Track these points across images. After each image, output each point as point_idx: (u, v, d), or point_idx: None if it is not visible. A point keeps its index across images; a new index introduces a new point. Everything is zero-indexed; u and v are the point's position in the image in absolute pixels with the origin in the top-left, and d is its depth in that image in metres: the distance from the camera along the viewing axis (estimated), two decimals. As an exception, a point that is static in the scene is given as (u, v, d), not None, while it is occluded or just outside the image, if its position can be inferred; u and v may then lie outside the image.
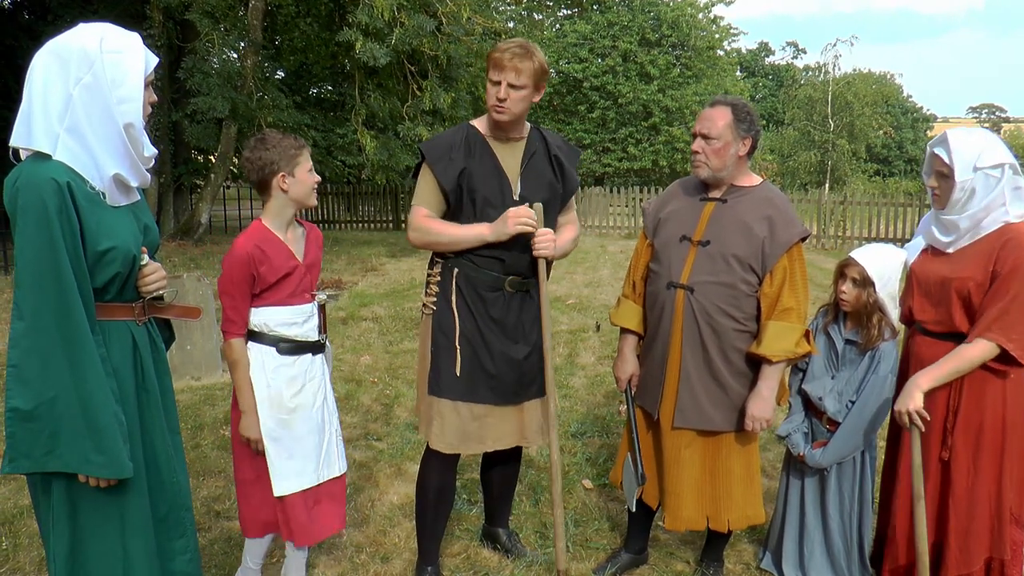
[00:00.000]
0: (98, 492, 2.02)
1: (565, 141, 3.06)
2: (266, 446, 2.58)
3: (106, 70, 1.94)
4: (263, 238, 2.55)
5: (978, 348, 2.46)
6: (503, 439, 2.91)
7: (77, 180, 1.92)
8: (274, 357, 2.58)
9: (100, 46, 1.95)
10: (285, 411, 2.59)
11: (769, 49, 54.63)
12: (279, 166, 2.51)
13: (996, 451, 2.56)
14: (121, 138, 1.98)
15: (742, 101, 2.80)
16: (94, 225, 1.95)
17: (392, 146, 13.23)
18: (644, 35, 28.87)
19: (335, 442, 2.77)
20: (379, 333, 7.40)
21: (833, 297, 2.93)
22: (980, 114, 79.95)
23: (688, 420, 2.83)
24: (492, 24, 13.60)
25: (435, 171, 2.76)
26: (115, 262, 1.99)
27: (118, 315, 2.08)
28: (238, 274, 2.50)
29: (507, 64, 2.66)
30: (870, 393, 2.71)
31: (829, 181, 32.35)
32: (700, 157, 2.79)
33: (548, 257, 2.80)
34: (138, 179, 2.09)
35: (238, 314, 2.55)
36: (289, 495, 2.61)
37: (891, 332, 2.75)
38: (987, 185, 2.47)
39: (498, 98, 2.70)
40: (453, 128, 2.89)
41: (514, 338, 2.84)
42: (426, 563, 3.06)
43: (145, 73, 2.02)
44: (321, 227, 18.50)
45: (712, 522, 2.94)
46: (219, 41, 12.36)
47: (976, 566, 2.60)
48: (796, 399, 2.98)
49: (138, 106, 2.00)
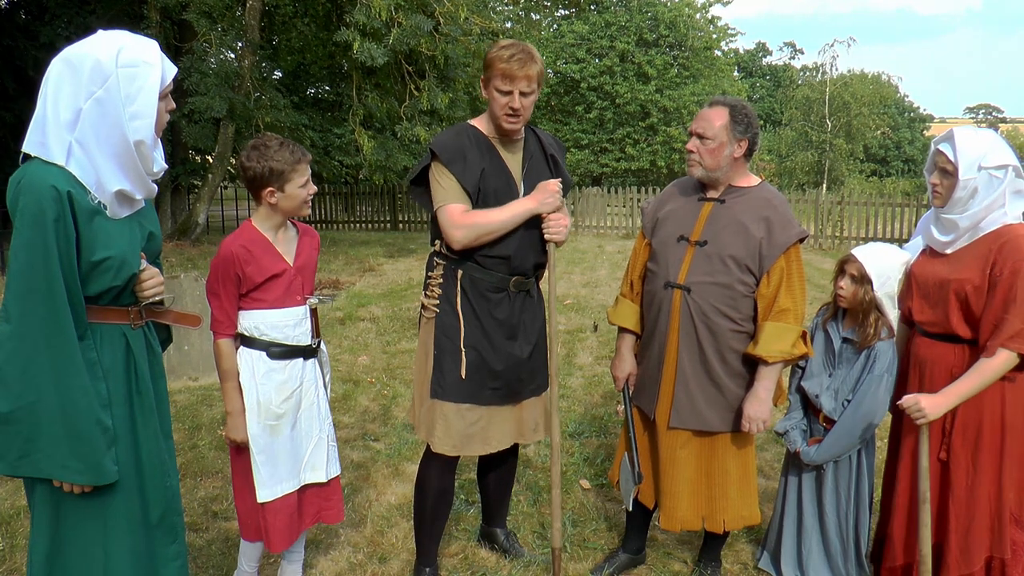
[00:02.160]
0: (81, 495, 2.01)
1: (553, 137, 3.06)
2: (252, 452, 2.56)
3: (120, 85, 1.90)
4: (250, 238, 2.54)
5: (1001, 359, 2.45)
6: (504, 439, 2.91)
7: (79, 189, 1.91)
8: (264, 362, 2.56)
9: (116, 60, 1.91)
10: (272, 417, 2.57)
11: (766, 49, 54.72)
12: (268, 180, 2.48)
13: (995, 452, 2.56)
14: (130, 154, 1.96)
15: (741, 102, 2.79)
16: (91, 235, 1.93)
17: (390, 146, 13.23)
18: (641, 35, 28.91)
19: (325, 447, 2.73)
20: (377, 333, 7.40)
21: (834, 294, 2.93)
22: (977, 114, 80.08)
23: (684, 420, 2.84)
24: (490, 24, 13.60)
25: (454, 171, 2.70)
26: (109, 271, 1.98)
27: (112, 318, 2.06)
28: (223, 273, 2.50)
29: (519, 74, 2.62)
30: (865, 392, 2.71)
31: (826, 181, 32.39)
32: (694, 156, 2.80)
33: (560, 242, 2.82)
34: (143, 192, 2.08)
35: (224, 314, 2.54)
36: (270, 501, 2.59)
37: (888, 332, 2.75)
38: (990, 185, 2.47)
39: (512, 108, 2.67)
40: (454, 129, 2.83)
41: (517, 337, 2.85)
42: (424, 564, 3.06)
43: (161, 87, 1.99)
44: (319, 227, 18.63)
45: (708, 523, 2.94)
46: (216, 41, 12.37)
47: (976, 566, 2.61)
48: (795, 396, 2.98)
49: (150, 122, 1.97)
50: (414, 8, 11.53)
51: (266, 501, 2.58)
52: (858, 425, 2.73)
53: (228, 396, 2.58)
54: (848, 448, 2.78)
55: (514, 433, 2.94)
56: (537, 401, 2.99)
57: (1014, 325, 2.42)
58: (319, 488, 2.74)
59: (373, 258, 12.74)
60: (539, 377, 2.97)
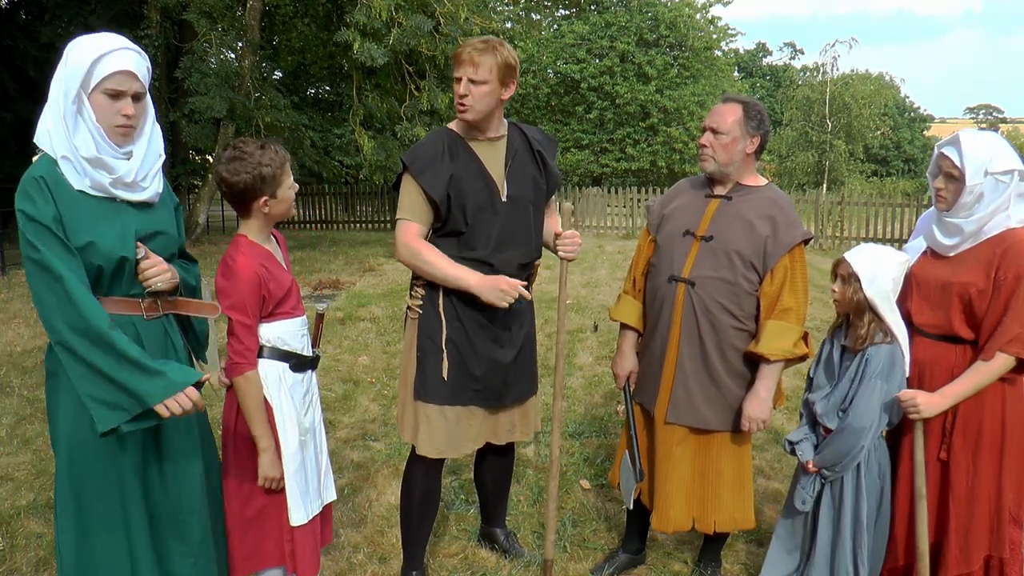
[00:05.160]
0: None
1: (542, 132, 3.01)
2: (286, 473, 2.34)
3: (64, 67, 2.06)
4: (261, 255, 2.35)
5: (999, 362, 2.46)
6: (479, 439, 2.90)
7: (53, 173, 2.02)
8: (289, 374, 2.39)
9: (68, 50, 2.07)
10: (303, 431, 2.41)
11: (767, 50, 54.76)
12: (260, 190, 2.28)
13: (995, 451, 2.56)
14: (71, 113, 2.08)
15: (754, 101, 2.83)
16: (74, 221, 2.02)
17: (390, 146, 13.23)
18: (642, 35, 28.90)
19: (327, 465, 2.62)
20: (377, 333, 7.40)
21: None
22: (977, 115, 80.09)
23: (681, 416, 2.83)
24: (490, 24, 13.59)
25: (422, 183, 2.66)
26: (95, 256, 2.04)
27: (119, 309, 2.11)
28: (252, 299, 2.27)
29: (464, 58, 2.61)
30: (859, 399, 2.66)
31: (826, 181, 32.40)
32: (707, 150, 2.81)
33: (571, 259, 2.86)
34: (116, 162, 2.12)
35: (254, 342, 2.31)
36: (300, 525, 2.39)
37: (884, 335, 2.68)
38: (995, 190, 2.47)
39: (459, 94, 2.65)
40: (432, 135, 2.79)
41: (500, 342, 2.82)
42: (411, 567, 3.04)
43: (85, 79, 2.04)
44: (319, 227, 18.66)
45: (698, 523, 2.92)
46: (217, 41, 12.37)
47: (975, 565, 2.61)
48: (806, 410, 2.94)
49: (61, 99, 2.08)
50: (414, 8, 11.54)
51: (300, 524, 2.38)
52: (851, 432, 2.67)
53: (265, 431, 2.32)
54: (845, 454, 2.71)
55: (488, 433, 2.93)
56: (518, 405, 2.98)
57: (1012, 329, 2.42)
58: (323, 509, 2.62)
59: (373, 258, 12.74)
60: (524, 382, 2.96)
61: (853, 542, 2.73)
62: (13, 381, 5.67)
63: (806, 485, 2.78)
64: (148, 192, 2.18)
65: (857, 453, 2.65)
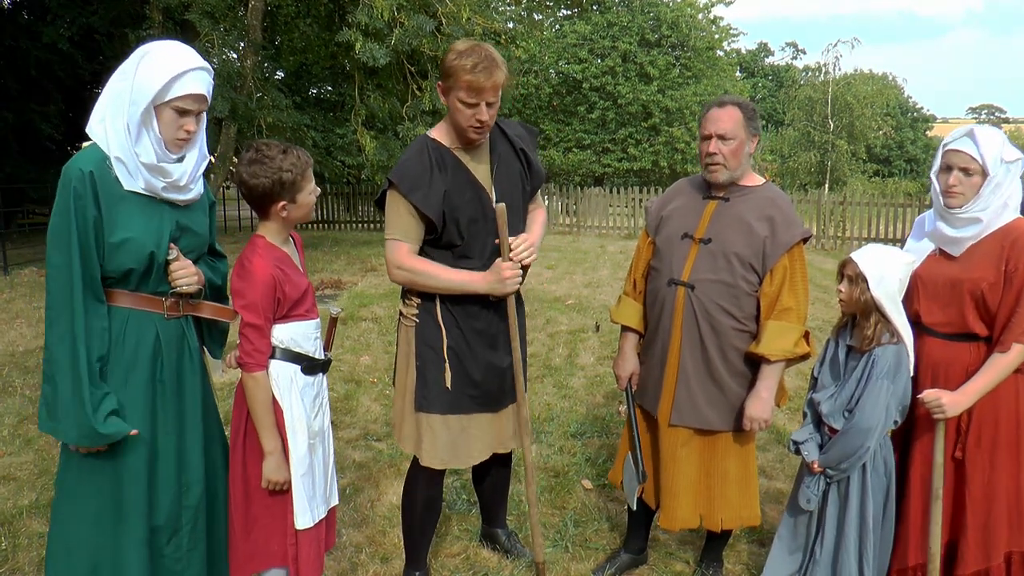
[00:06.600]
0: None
1: (522, 125, 2.96)
2: (294, 476, 2.33)
3: (136, 74, 2.10)
4: (278, 257, 2.33)
5: (1014, 354, 2.47)
6: (485, 449, 2.87)
7: (103, 169, 2.06)
8: (301, 377, 2.38)
9: (140, 57, 2.12)
10: (312, 435, 2.40)
11: (768, 50, 54.65)
12: (279, 195, 2.26)
13: (1012, 446, 2.58)
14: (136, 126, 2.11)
15: (745, 99, 2.81)
16: (112, 217, 2.07)
17: (392, 146, 13.21)
18: (644, 35, 28.86)
19: (334, 469, 2.61)
20: (379, 333, 7.40)
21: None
22: (980, 114, 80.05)
23: (684, 418, 2.83)
24: (492, 24, 13.56)
25: (415, 201, 2.59)
26: (128, 253, 2.09)
27: (143, 305, 2.17)
28: (265, 301, 2.26)
29: (485, 85, 2.51)
30: (865, 399, 2.65)
31: (828, 181, 32.36)
32: (718, 158, 2.75)
33: (531, 262, 2.76)
34: (165, 163, 2.15)
35: (264, 343, 2.30)
36: (305, 529, 2.37)
37: (891, 336, 2.67)
38: (1008, 178, 2.52)
39: (480, 120, 2.57)
40: (413, 147, 2.70)
41: (497, 347, 2.81)
42: (414, 568, 3.04)
43: (158, 93, 2.07)
44: (321, 227, 18.68)
45: (706, 521, 2.94)
46: (219, 41, 12.35)
47: (996, 560, 2.61)
48: (810, 409, 2.94)
49: (137, 110, 2.10)
50: (416, 8, 11.53)
51: (305, 528, 2.37)
52: (857, 432, 2.67)
53: (271, 434, 2.30)
54: (851, 454, 2.71)
55: (494, 443, 2.90)
56: (513, 408, 2.96)
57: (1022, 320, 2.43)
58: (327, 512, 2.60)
59: (375, 258, 12.74)
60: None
61: (859, 542, 2.73)
62: (15, 381, 5.68)
63: (811, 485, 2.78)
64: (193, 193, 2.24)
65: (863, 453, 2.65)
